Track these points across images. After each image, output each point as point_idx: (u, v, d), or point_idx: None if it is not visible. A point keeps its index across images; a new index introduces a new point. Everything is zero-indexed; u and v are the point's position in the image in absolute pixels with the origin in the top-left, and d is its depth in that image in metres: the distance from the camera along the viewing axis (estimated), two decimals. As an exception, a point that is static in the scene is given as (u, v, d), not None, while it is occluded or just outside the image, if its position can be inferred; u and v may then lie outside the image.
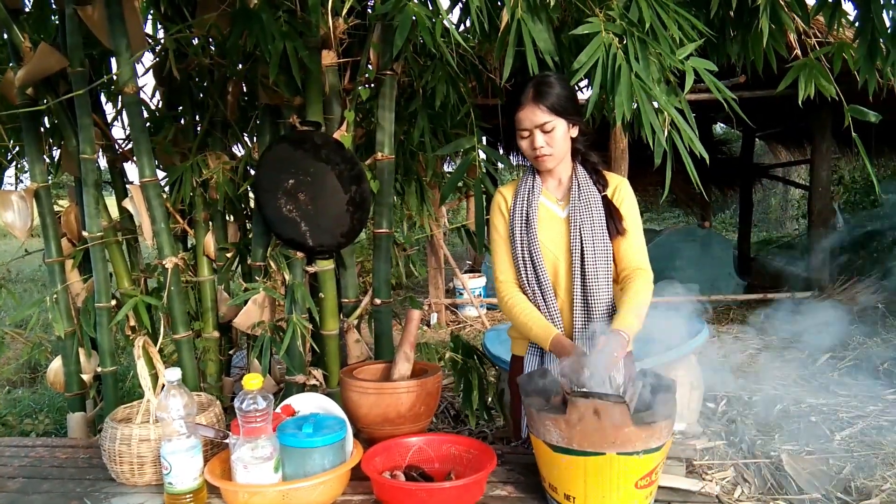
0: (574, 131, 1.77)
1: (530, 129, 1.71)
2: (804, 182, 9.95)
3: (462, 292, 6.76)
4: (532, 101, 1.68)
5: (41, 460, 1.80)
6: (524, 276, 1.80)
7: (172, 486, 1.44)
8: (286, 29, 1.96)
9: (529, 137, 1.73)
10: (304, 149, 2.08)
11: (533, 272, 1.79)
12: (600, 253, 1.74)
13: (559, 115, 1.69)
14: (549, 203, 1.82)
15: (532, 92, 1.68)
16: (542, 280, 1.77)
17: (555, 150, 1.73)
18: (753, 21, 2.00)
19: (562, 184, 1.84)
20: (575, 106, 1.73)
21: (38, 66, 2.12)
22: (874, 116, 1.86)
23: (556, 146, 1.72)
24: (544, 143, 1.71)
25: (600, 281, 1.74)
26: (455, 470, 1.56)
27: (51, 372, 2.41)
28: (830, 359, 4.90)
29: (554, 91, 1.68)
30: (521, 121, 1.71)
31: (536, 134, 1.71)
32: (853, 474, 2.99)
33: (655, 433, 1.29)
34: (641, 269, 1.76)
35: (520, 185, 1.86)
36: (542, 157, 1.74)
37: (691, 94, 1.83)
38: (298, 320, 2.10)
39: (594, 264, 1.73)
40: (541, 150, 1.72)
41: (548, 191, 1.84)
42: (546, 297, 1.78)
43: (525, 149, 1.76)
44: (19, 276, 8.56)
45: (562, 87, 1.69)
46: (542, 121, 1.68)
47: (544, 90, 1.67)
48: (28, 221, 2.30)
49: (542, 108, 1.67)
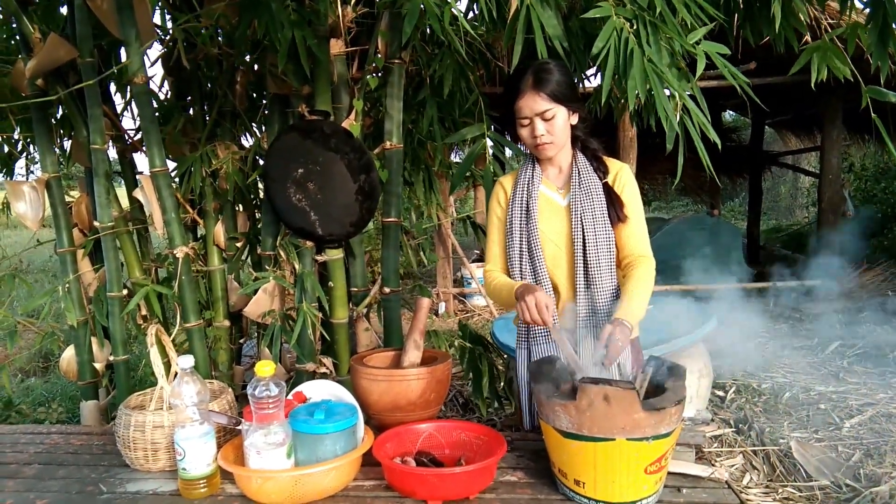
0: (574, 118, 1.76)
1: (530, 116, 1.69)
2: (814, 169, 9.88)
3: (470, 281, 6.77)
4: (532, 89, 1.66)
5: (56, 447, 1.82)
6: (519, 267, 1.80)
7: (186, 471, 1.45)
8: (295, 18, 1.96)
9: (529, 126, 1.71)
10: (313, 138, 2.08)
11: (530, 264, 1.78)
12: (602, 241, 1.73)
13: (559, 103, 1.67)
14: (550, 192, 1.82)
15: (531, 79, 1.67)
16: (539, 272, 1.76)
17: (555, 138, 1.72)
18: (765, 4, 1.98)
19: (562, 172, 1.82)
20: (574, 93, 1.72)
21: (47, 56, 2.13)
22: (894, 96, 1.84)
23: (556, 134, 1.71)
24: (545, 130, 1.70)
25: (602, 269, 1.73)
26: (465, 456, 1.57)
27: (63, 361, 2.44)
28: (840, 346, 4.88)
29: (553, 78, 1.66)
30: (520, 109, 1.70)
31: (537, 122, 1.69)
32: (862, 462, 2.99)
33: (665, 419, 1.29)
34: (643, 255, 1.74)
35: (519, 174, 1.84)
36: (543, 145, 1.72)
37: (700, 81, 1.81)
38: (308, 309, 2.11)
39: (596, 252, 1.72)
40: (541, 139, 1.71)
41: (548, 179, 1.83)
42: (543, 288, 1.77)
43: (525, 137, 1.74)
44: (31, 266, 8.63)
45: (561, 74, 1.68)
46: (543, 108, 1.67)
47: (544, 77, 1.66)
48: (40, 212, 2.32)
49: (542, 96, 1.66)
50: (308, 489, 1.41)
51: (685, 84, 1.66)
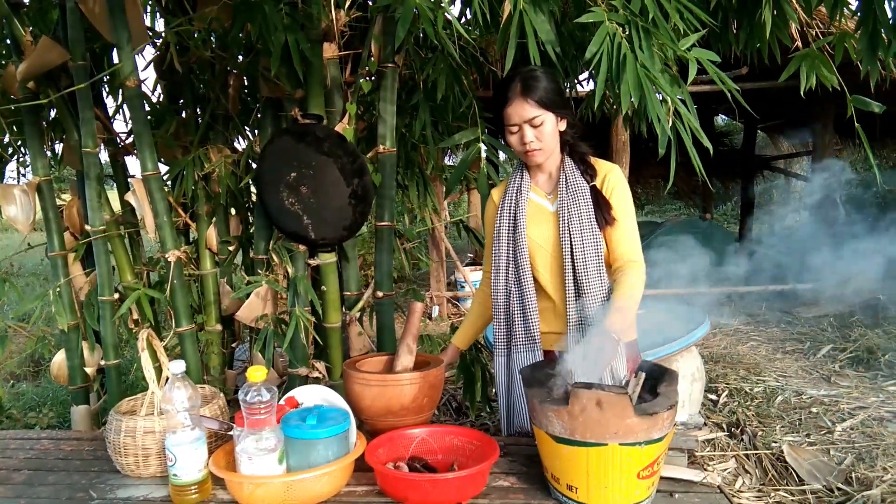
0: (562, 124, 1.76)
1: (519, 123, 1.70)
2: (805, 174, 9.93)
3: (464, 285, 6.76)
4: (520, 96, 1.67)
5: (46, 453, 1.81)
6: (503, 276, 1.81)
7: (177, 477, 1.44)
8: (288, 21, 1.96)
9: (518, 133, 1.72)
10: (306, 142, 2.08)
11: (515, 273, 1.79)
12: (589, 245, 1.72)
13: (547, 109, 1.68)
14: (539, 198, 1.82)
15: (519, 86, 1.67)
16: (523, 279, 1.77)
17: (544, 145, 1.72)
18: (756, 11, 1.99)
19: (551, 178, 1.83)
20: (562, 99, 1.72)
21: (39, 59, 2.12)
22: (878, 107, 1.86)
23: (545, 140, 1.71)
24: (534, 137, 1.70)
25: (590, 274, 1.72)
26: (458, 461, 1.57)
27: (54, 365, 2.43)
28: (832, 350, 4.91)
29: (541, 85, 1.67)
30: (509, 116, 1.70)
31: (525, 129, 1.70)
32: (854, 465, 3.00)
33: (657, 424, 1.30)
34: (633, 261, 1.73)
35: (509, 183, 1.86)
36: (532, 151, 1.73)
37: (693, 86, 1.82)
38: (301, 313, 2.11)
39: (583, 257, 1.72)
40: (530, 145, 1.71)
41: (537, 186, 1.84)
42: (526, 298, 1.78)
43: (514, 144, 1.75)
44: (21, 269, 8.58)
45: (549, 81, 1.69)
46: (531, 115, 1.68)
47: (532, 84, 1.66)
48: (31, 215, 2.30)
49: (531, 103, 1.66)
50: (300, 495, 1.40)
51: (677, 89, 1.67)
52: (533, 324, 1.78)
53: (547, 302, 1.82)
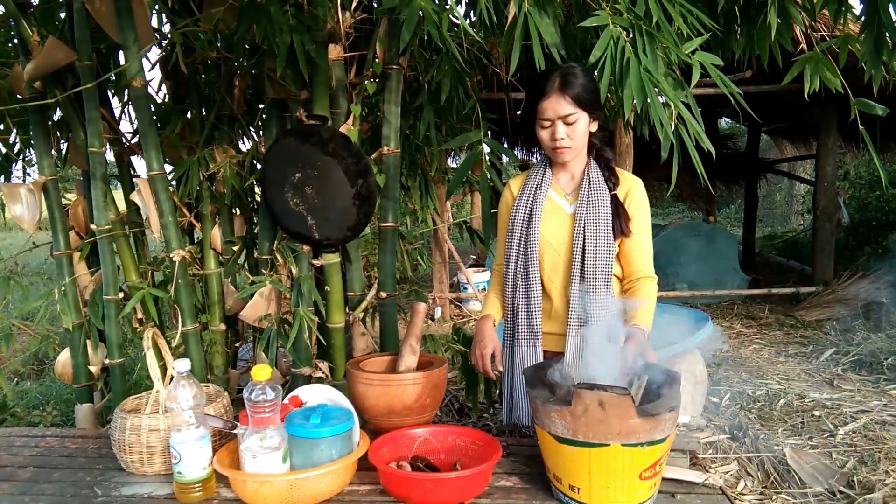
0: (594, 126, 1.76)
1: (553, 119, 1.69)
2: (809, 177, 9.93)
3: (466, 286, 6.77)
4: (558, 91, 1.66)
5: (51, 450, 1.82)
6: (513, 268, 1.81)
7: (182, 475, 1.45)
8: (293, 23, 1.97)
9: (550, 127, 1.71)
10: (311, 143, 2.09)
11: (524, 267, 1.79)
12: (602, 252, 1.72)
13: (583, 108, 1.68)
14: (558, 197, 1.82)
15: (558, 82, 1.67)
16: (531, 275, 1.77)
17: (574, 143, 1.72)
18: (760, 15, 2.00)
19: (573, 179, 1.83)
20: (597, 100, 1.71)
21: (46, 59, 2.14)
22: (881, 110, 1.86)
23: (576, 139, 1.71)
24: (565, 134, 1.70)
25: (598, 280, 1.72)
26: (461, 461, 1.58)
27: (58, 364, 2.44)
28: (834, 354, 4.90)
29: (579, 82, 1.66)
30: (544, 110, 1.69)
31: (558, 125, 1.69)
32: (856, 469, 3.00)
33: (660, 425, 1.30)
34: (647, 276, 1.75)
35: (529, 177, 1.85)
36: (562, 149, 1.72)
37: (696, 89, 1.83)
38: (305, 313, 2.11)
39: (594, 263, 1.72)
40: (560, 142, 1.71)
41: (558, 185, 1.83)
42: (531, 293, 1.78)
43: (544, 139, 1.74)
44: (26, 268, 8.60)
45: (588, 80, 1.68)
46: (566, 112, 1.67)
47: (571, 80, 1.66)
48: (36, 214, 2.32)
49: (567, 99, 1.66)
50: (303, 493, 1.41)
51: (680, 93, 1.67)
52: (536, 319, 1.79)
53: (545, 302, 1.83)
